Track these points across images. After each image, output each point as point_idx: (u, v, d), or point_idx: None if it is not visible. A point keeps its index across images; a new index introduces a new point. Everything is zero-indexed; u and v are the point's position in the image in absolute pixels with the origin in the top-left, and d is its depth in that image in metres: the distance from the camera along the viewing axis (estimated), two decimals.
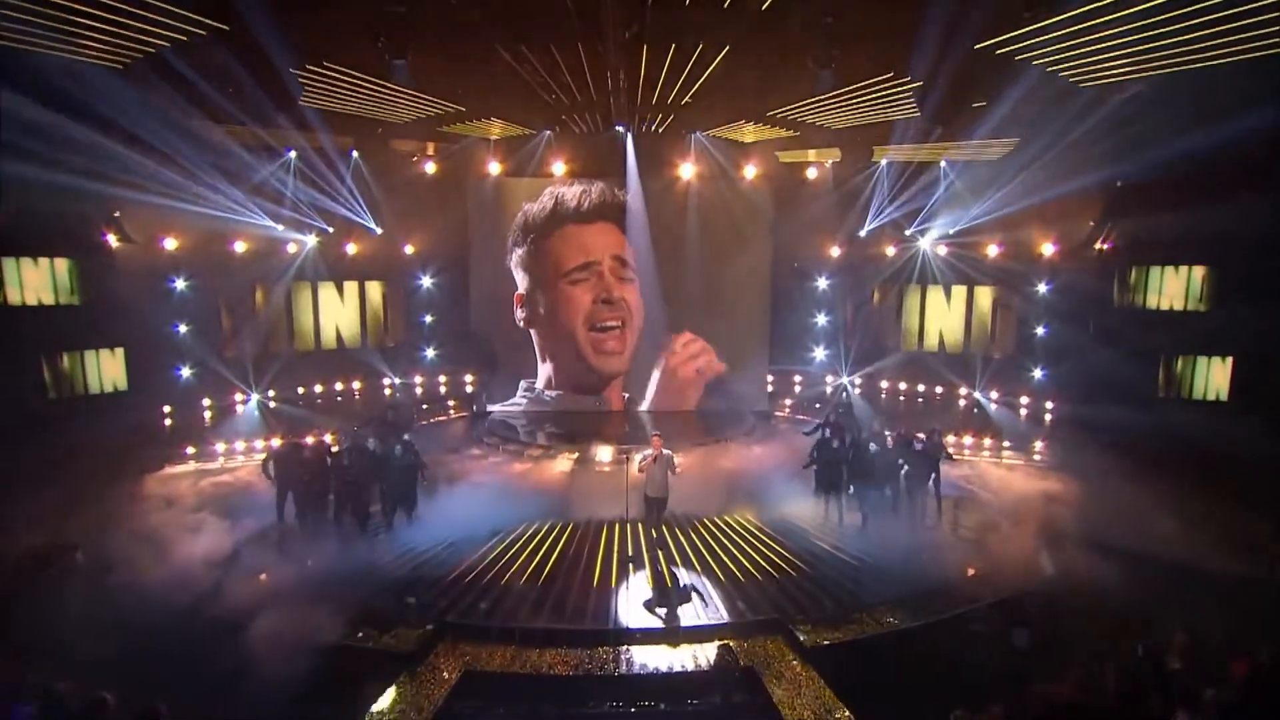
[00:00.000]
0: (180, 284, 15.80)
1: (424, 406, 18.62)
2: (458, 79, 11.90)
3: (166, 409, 15.58)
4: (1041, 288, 16.68)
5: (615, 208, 17.13)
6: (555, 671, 7.82)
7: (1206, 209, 12.34)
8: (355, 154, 16.80)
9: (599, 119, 14.73)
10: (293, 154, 15.88)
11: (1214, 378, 14.74)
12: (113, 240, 14.69)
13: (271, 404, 16.94)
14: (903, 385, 19.13)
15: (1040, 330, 16.89)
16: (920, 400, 18.72)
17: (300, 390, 17.93)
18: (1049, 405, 16.66)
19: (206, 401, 16.28)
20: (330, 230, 17.59)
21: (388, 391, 19.08)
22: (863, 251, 19.02)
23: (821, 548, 10.52)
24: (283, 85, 11.38)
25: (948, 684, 6.83)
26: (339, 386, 18.60)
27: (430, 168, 17.39)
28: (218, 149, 14.05)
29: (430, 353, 19.88)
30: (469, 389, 19.32)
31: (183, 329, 15.88)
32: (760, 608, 8.81)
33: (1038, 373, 16.98)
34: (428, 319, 19.82)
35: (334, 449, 11.42)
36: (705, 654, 8.03)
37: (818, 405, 18.63)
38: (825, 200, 17.71)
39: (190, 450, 14.28)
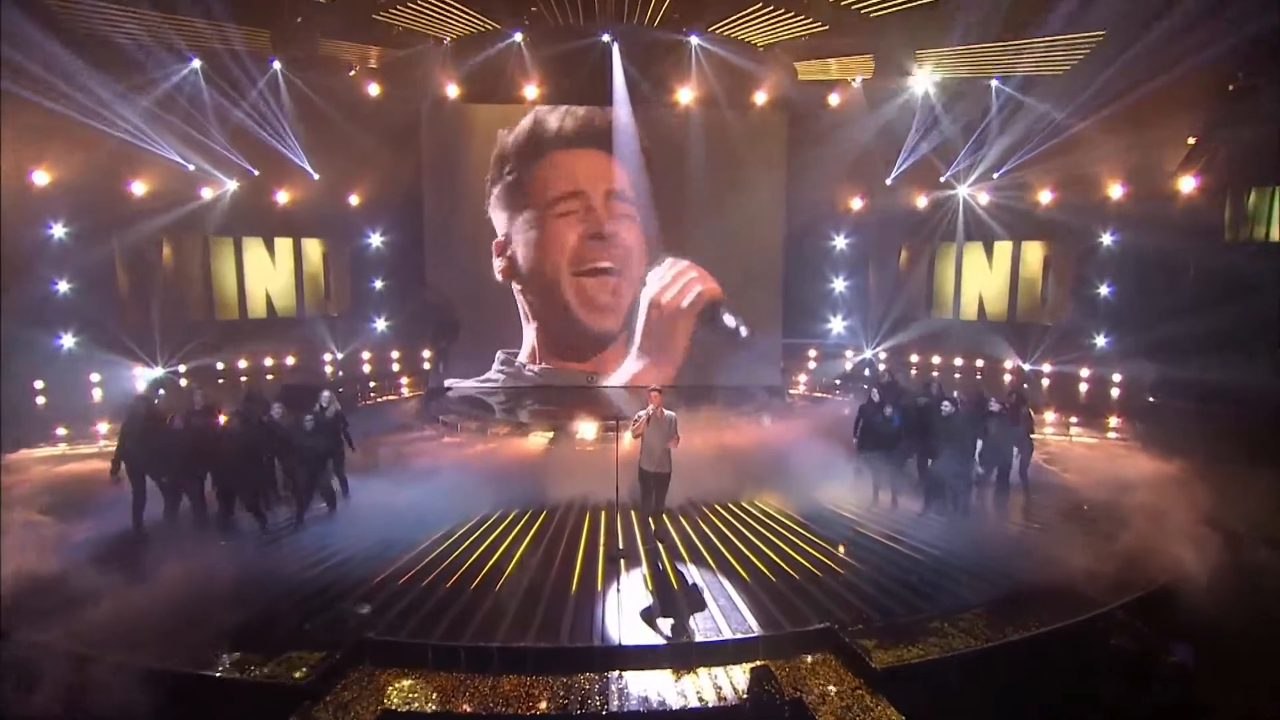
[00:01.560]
0: (59, 231, 13.50)
1: (371, 385, 16.42)
2: None
3: (39, 384, 13.26)
4: (1106, 238, 14.82)
5: (606, 134, 15.12)
6: (517, 710, 5.71)
7: None
8: (277, 64, 14.29)
9: (579, 7, 12.58)
10: (197, 62, 13.55)
11: None
12: None
13: (182, 381, 14.68)
14: (936, 359, 17.23)
15: (1104, 289, 15.02)
16: (958, 377, 16.79)
17: (220, 366, 15.68)
18: (1116, 377, 14.76)
19: (95, 377, 13.95)
20: (256, 173, 15.40)
21: (329, 369, 16.89)
22: (889, 203, 17.12)
23: (873, 539, 8.53)
24: None
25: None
26: (269, 362, 16.36)
27: (374, 89, 15.12)
28: (98, 47, 11.79)
29: (381, 324, 17.77)
30: (426, 365, 17.17)
31: (63, 287, 13.57)
32: (802, 615, 6.75)
33: (1101, 340, 15.10)
34: (378, 284, 17.73)
35: (220, 419, 9.22)
36: (731, 680, 5.98)
37: (838, 382, 16.74)
38: (848, 134, 15.67)
39: (62, 431, 12.00)
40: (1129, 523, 8.33)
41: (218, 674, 5.81)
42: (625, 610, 6.91)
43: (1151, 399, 13.27)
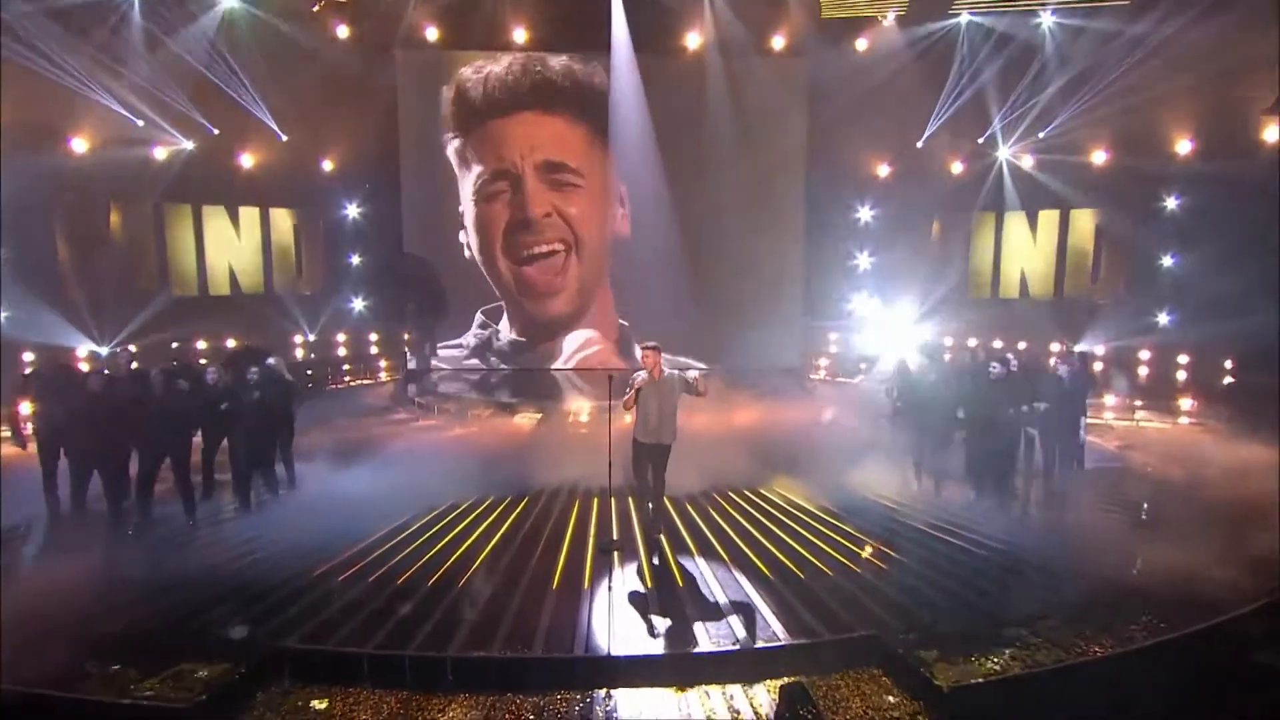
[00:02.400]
0: None
1: (344, 368, 15.27)
2: None
3: None
4: (1170, 202, 13.53)
5: (557, 90, 13.86)
6: None
7: None
8: None
9: None
10: None
11: None
12: None
13: (134, 364, 13.49)
14: (972, 342, 15.90)
15: (1168, 260, 13.73)
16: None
17: (175, 345, 14.52)
18: (1183, 359, 13.44)
19: (28, 356, 12.79)
20: (216, 132, 14.27)
21: (300, 352, 15.75)
22: (920, 168, 15.87)
23: (917, 529, 7.31)
24: None
25: None
26: (231, 344, 15.16)
27: (342, 31, 13.91)
28: None
29: (359, 303, 16.63)
30: (406, 349, 16.02)
31: None
32: (839, 621, 5.52)
33: (1163, 317, 13.80)
34: (355, 260, 16.59)
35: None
36: (751, 700, 4.76)
37: (862, 366, 15.52)
38: (876, 87, 14.40)
39: None
40: (1246, 514, 7.07)
41: (80, 695, 4.60)
42: (617, 613, 5.70)
43: (1230, 379, 11.97)
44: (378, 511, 7.53)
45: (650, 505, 7.22)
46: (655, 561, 6.64)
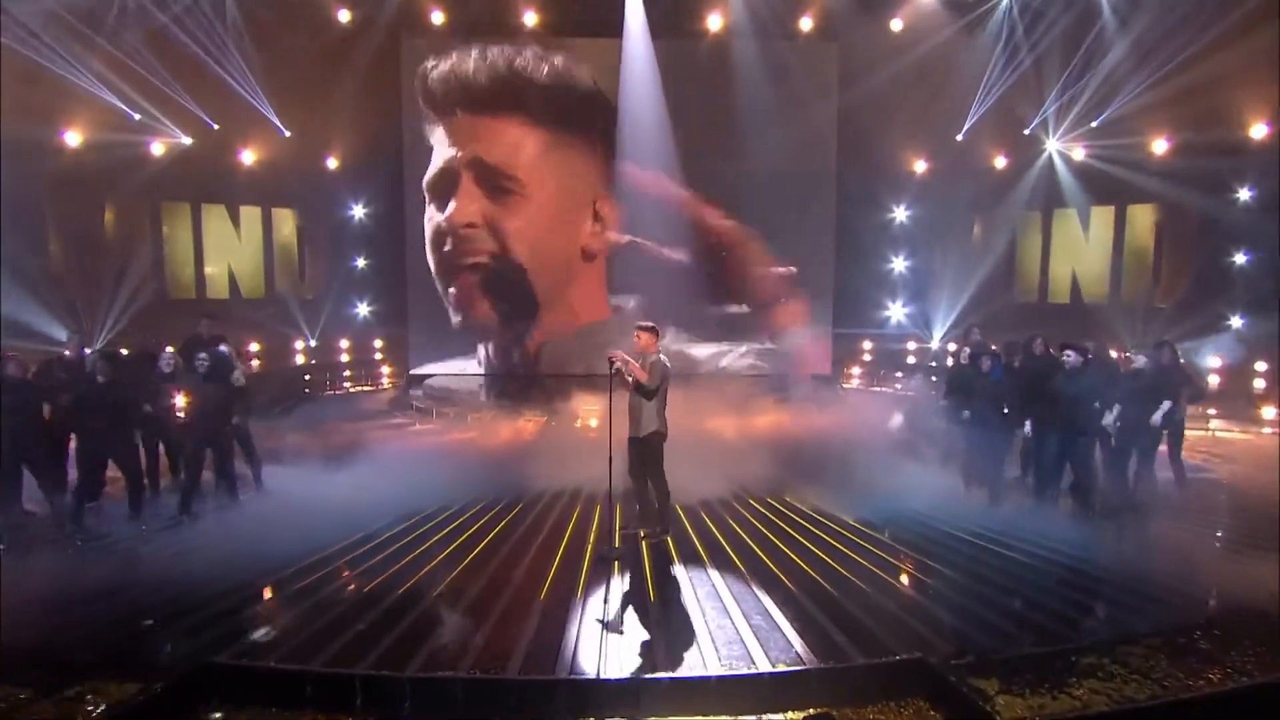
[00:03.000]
0: None
1: (345, 374, 14.74)
2: None
3: None
4: (1243, 194, 12.54)
5: (522, 88, 13.16)
6: None
7: None
8: None
9: None
10: None
11: None
12: None
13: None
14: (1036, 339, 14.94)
15: (1240, 257, 12.70)
16: None
17: (170, 350, 14.10)
18: (1261, 365, 12.35)
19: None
20: (216, 127, 13.97)
21: (300, 358, 15.29)
22: (960, 164, 15.06)
23: (972, 540, 6.45)
24: None
25: None
26: (223, 349, 14.63)
27: (344, 15, 13.47)
28: None
29: (363, 309, 16.16)
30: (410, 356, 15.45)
31: None
32: (878, 642, 4.68)
33: (1236, 320, 12.73)
34: (360, 263, 16.16)
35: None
36: None
37: (899, 375, 14.68)
38: (912, 68, 13.62)
39: None
40: None
41: None
42: (612, 629, 4.92)
43: None
44: (349, 518, 6.86)
45: (638, 506, 6.51)
46: (667, 570, 5.87)
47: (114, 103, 12.56)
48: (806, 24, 13.51)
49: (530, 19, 13.24)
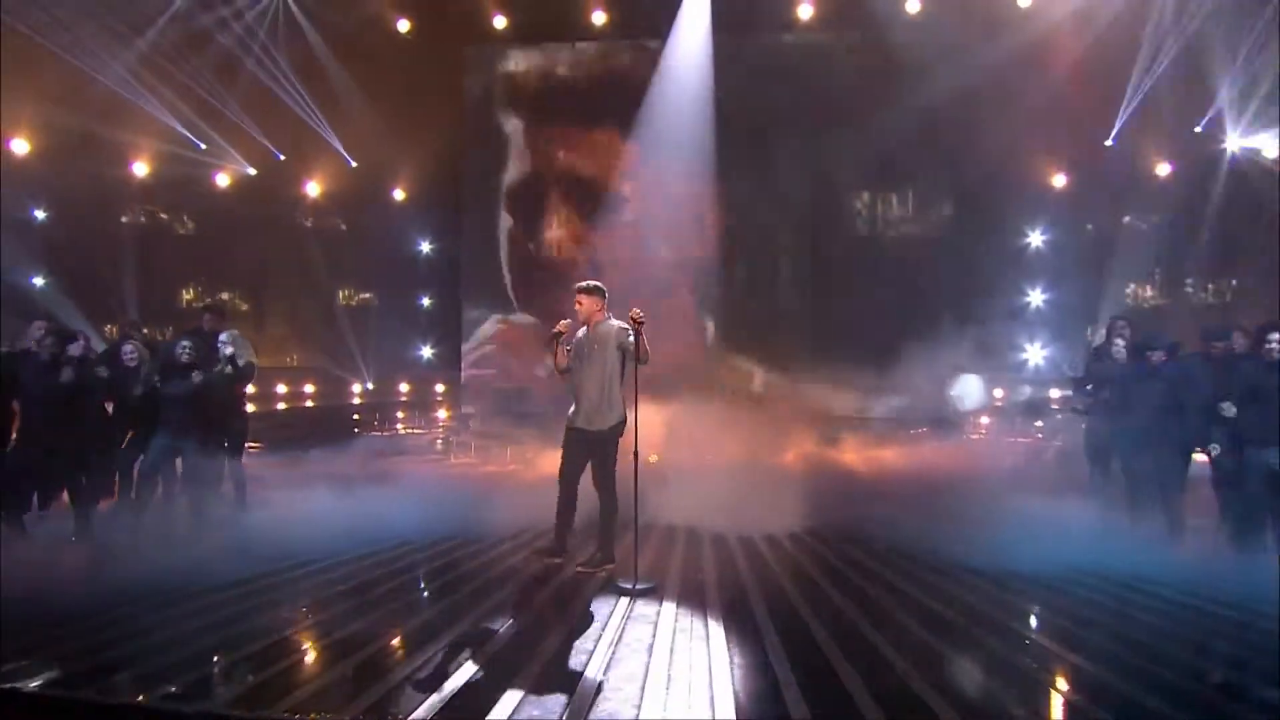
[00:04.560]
0: (43, 215, 12.51)
1: (398, 415, 14.12)
2: None
3: None
4: None
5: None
6: None
7: None
8: None
9: None
10: None
11: None
12: None
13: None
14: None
15: None
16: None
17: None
18: None
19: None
20: (281, 158, 14.07)
21: (357, 399, 14.85)
22: (1109, 173, 13.05)
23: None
24: None
25: None
26: (282, 389, 14.40)
27: (403, 25, 13.14)
28: None
29: (427, 351, 15.65)
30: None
31: (40, 282, 12.37)
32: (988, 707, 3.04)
33: None
34: (425, 302, 15.76)
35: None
36: None
37: (1038, 424, 12.59)
38: (1044, 61, 11.93)
39: None
40: None
41: None
42: (638, 676, 3.51)
43: None
44: (330, 539, 5.84)
45: (601, 526, 5.19)
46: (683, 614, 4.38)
47: (180, 130, 12.76)
48: (914, 3, 12.02)
49: (599, 18, 12.38)
